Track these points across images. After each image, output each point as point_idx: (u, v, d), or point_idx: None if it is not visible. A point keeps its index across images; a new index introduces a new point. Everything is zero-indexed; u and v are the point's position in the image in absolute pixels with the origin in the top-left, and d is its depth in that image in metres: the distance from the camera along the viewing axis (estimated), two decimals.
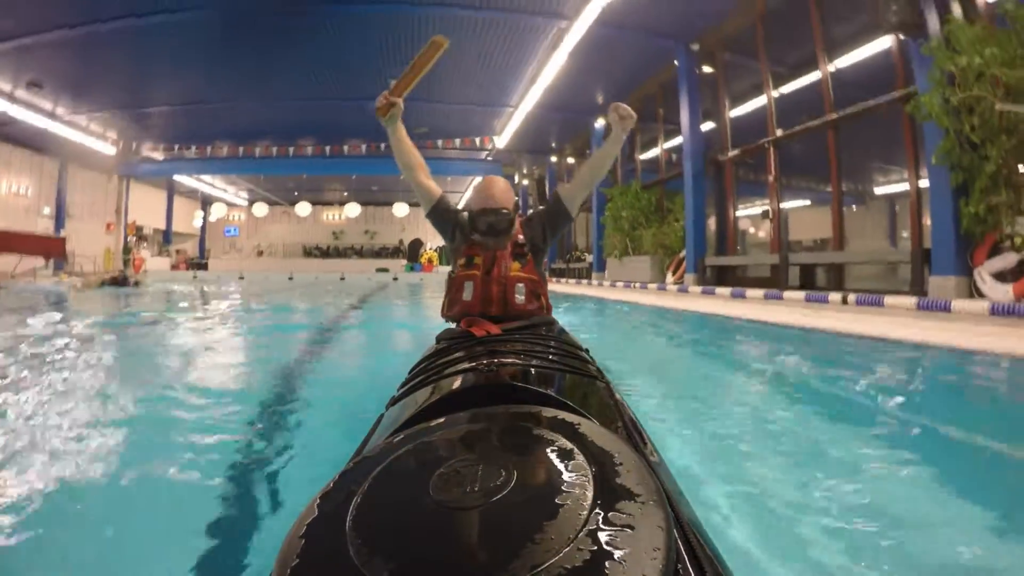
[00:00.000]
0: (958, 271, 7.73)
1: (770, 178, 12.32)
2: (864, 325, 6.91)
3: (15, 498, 2.21)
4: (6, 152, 23.77)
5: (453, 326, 2.63)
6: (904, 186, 15.61)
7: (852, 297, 8.44)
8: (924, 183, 8.79)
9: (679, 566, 0.66)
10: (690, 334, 8.50)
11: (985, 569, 1.75)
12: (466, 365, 1.63)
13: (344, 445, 1.48)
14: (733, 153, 13.75)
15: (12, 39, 14.04)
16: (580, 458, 0.80)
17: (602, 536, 0.63)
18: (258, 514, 2.29)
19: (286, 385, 4.40)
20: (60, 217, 26.99)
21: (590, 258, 23.14)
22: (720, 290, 11.84)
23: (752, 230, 16.37)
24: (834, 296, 8.79)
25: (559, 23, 13.33)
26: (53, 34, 13.73)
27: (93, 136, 23.07)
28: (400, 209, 34.52)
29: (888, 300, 7.83)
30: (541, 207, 2.82)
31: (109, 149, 24.24)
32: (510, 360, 1.68)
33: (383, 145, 23.79)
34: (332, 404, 3.88)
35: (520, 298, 2.59)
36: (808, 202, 17.14)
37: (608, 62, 15.70)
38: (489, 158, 27.56)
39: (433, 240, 44.41)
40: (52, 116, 20.37)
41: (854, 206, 17.29)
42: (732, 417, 3.45)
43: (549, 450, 0.84)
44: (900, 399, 3.96)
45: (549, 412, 0.99)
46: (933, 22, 7.81)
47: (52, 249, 23.02)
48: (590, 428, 0.90)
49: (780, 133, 12.03)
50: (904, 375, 4.96)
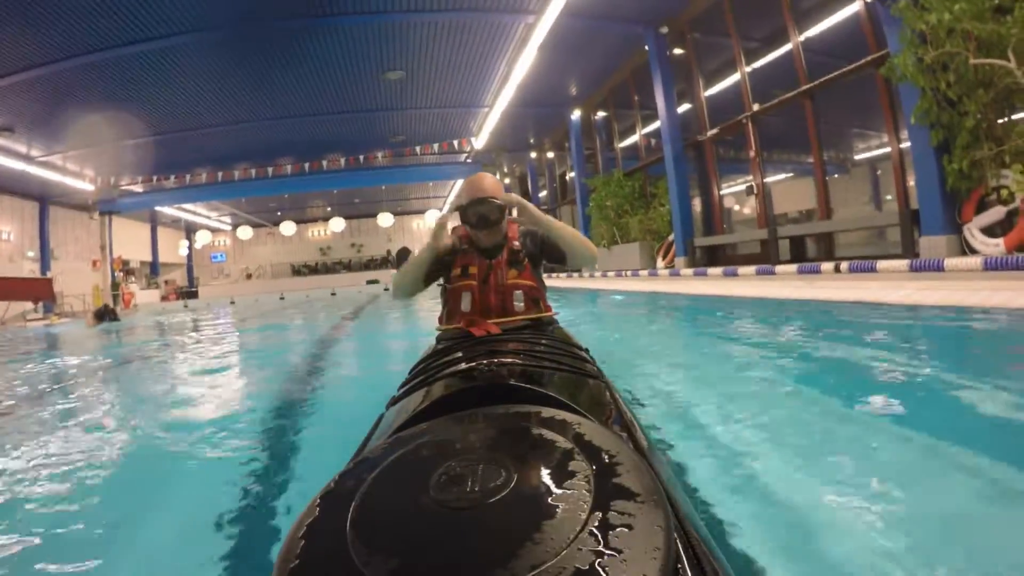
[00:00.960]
0: (947, 230, 7.73)
1: (751, 153, 12.31)
2: (860, 292, 6.90)
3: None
4: None
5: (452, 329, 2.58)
6: (884, 150, 15.69)
7: (845, 265, 8.42)
8: (905, 145, 8.78)
9: (679, 566, 0.65)
10: (690, 315, 8.49)
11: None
12: (466, 365, 1.62)
13: (344, 446, 1.46)
14: (712, 132, 13.74)
15: None
16: (580, 458, 0.80)
17: (602, 536, 0.63)
18: (264, 512, 2.35)
19: (291, 397, 4.38)
20: (45, 258, 26.83)
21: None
22: (712, 270, 11.83)
23: (737, 207, 16.34)
24: (826, 266, 8.78)
25: (526, 18, 13.29)
26: (19, 76, 13.61)
27: (70, 175, 22.93)
28: (385, 219, 34.40)
29: (881, 264, 7.81)
30: (543, 234, 2.67)
31: (88, 186, 24.07)
32: (510, 360, 1.67)
33: (362, 157, 23.75)
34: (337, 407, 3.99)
35: (519, 305, 2.56)
36: (790, 175, 17.11)
37: (579, 53, 15.68)
38: (468, 160, 27.49)
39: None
40: (27, 159, 20.22)
41: (836, 174, 17.31)
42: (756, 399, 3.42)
43: (549, 450, 0.85)
44: (910, 360, 3.93)
45: (549, 412, 0.99)
46: None
47: (40, 291, 22.84)
48: (590, 428, 0.91)
49: (757, 108, 12.03)
50: (910, 336, 4.94)
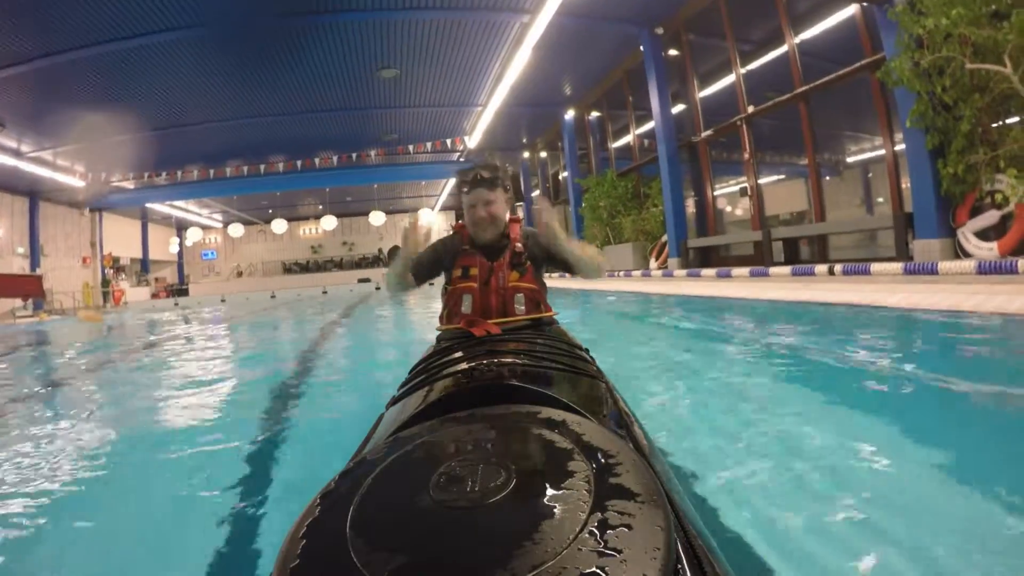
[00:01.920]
0: (941, 233, 7.76)
1: (745, 155, 12.34)
2: (856, 295, 6.91)
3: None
4: None
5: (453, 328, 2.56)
6: (876, 153, 15.74)
7: (839, 267, 8.45)
8: (900, 148, 8.81)
9: (679, 566, 0.65)
10: (688, 318, 8.48)
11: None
12: (466, 365, 1.62)
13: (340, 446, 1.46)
14: (706, 133, 13.77)
15: None
16: (580, 458, 0.80)
17: (602, 536, 0.63)
18: (264, 512, 2.36)
19: (282, 398, 4.35)
20: (35, 255, 26.58)
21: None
22: (705, 271, 11.85)
23: (729, 209, 16.38)
24: (820, 268, 8.81)
25: (521, 17, 13.27)
26: (10, 71, 13.49)
27: (61, 171, 22.71)
28: (376, 218, 34.24)
29: (875, 267, 7.85)
30: (552, 243, 2.66)
31: (78, 183, 23.89)
32: (510, 360, 1.66)
33: (355, 155, 23.67)
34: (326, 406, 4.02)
35: (520, 308, 2.55)
36: (782, 177, 17.15)
37: (573, 53, 15.69)
38: (461, 159, 27.44)
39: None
40: (17, 155, 20.03)
41: (827, 177, 17.35)
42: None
43: (549, 450, 0.85)
44: (907, 364, 3.93)
45: (549, 412, 0.98)
46: None
47: (29, 288, 22.67)
48: (590, 428, 0.91)
49: (752, 110, 12.05)
50: (905, 339, 4.95)
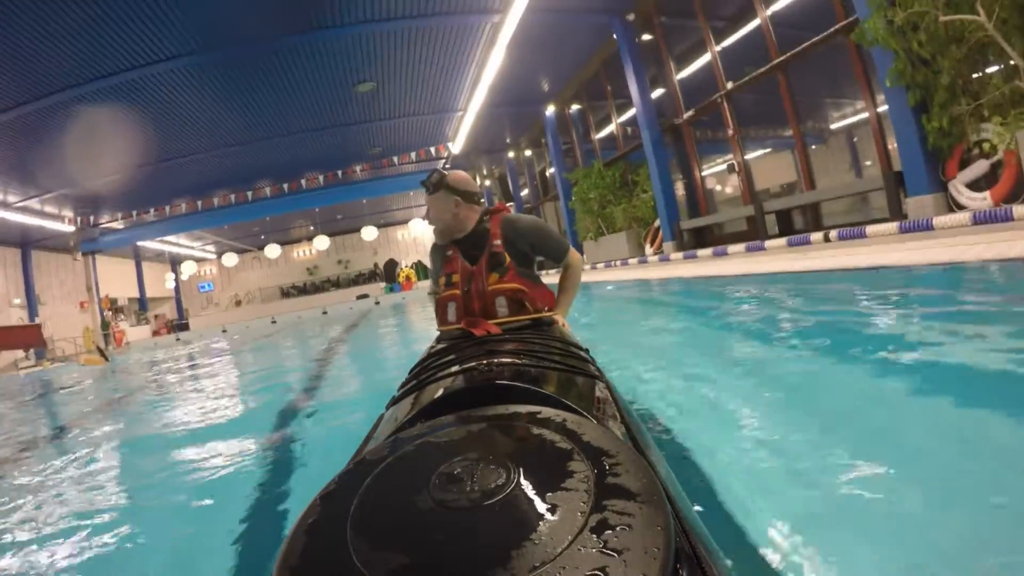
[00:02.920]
0: (933, 188, 7.74)
1: (729, 132, 12.32)
2: (855, 258, 6.90)
3: None
4: None
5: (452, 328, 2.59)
6: (859, 117, 15.74)
7: (834, 234, 8.43)
8: (883, 108, 8.79)
9: (679, 566, 0.65)
10: (693, 300, 8.47)
11: None
12: (465, 365, 1.62)
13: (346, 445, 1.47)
14: (688, 114, 13.74)
15: None
16: (580, 458, 0.80)
17: (602, 536, 0.63)
18: (264, 512, 2.46)
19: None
20: (31, 304, 26.61)
21: (542, 222, 23.05)
22: (701, 252, 11.83)
23: (718, 187, 16.38)
24: (816, 236, 8.78)
25: (491, 18, 13.26)
26: None
27: (49, 218, 22.73)
28: (369, 233, 34.20)
29: (870, 229, 7.82)
30: (537, 240, 2.75)
31: (68, 228, 23.86)
32: (509, 360, 1.66)
33: (340, 173, 23.65)
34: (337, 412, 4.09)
35: (503, 311, 2.53)
36: (768, 150, 17.15)
37: (547, 48, 15.65)
38: (447, 166, 27.39)
39: (407, 258, 44.31)
40: (4, 205, 20.05)
41: (813, 145, 17.37)
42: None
43: (549, 450, 0.85)
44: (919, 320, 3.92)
45: (548, 412, 0.99)
46: None
47: (29, 338, 22.70)
48: (590, 428, 0.91)
49: (731, 85, 12.03)
50: (912, 296, 4.95)
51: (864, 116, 9.75)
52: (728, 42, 12.72)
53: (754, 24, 11.33)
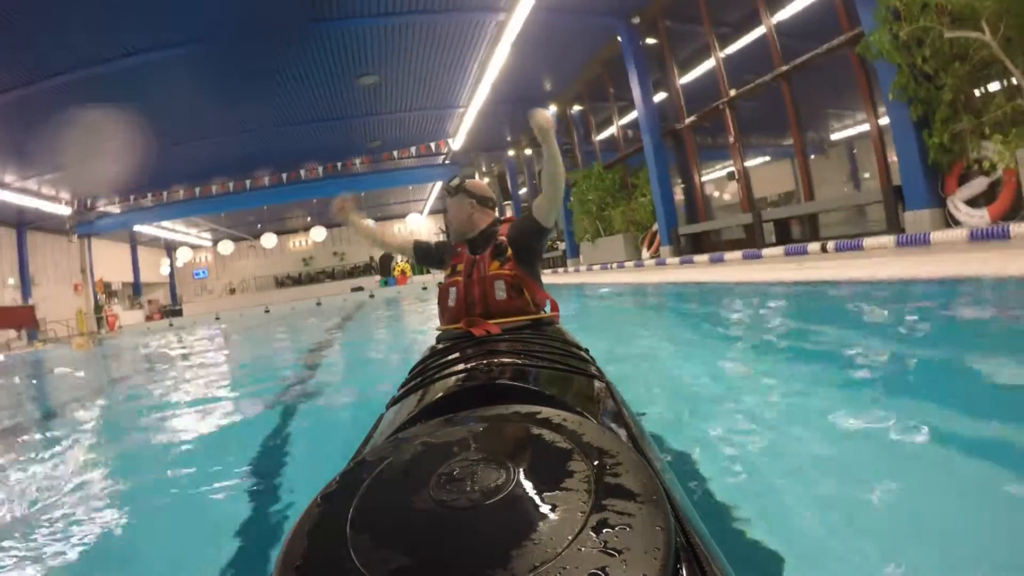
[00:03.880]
0: (931, 203, 7.77)
1: (730, 139, 12.34)
2: (852, 271, 6.91)
3: None
4: None
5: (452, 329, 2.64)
6: (859, 129, 15.77)
7: (831, 245, 8.45)
8: (884, 121, 8.81)
9: (679, 566, 0.64)
10: (692, 305, 8.48)
11: None
12: (465, 365, 1.63)
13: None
14: (690, 120, 13.75)
15: None
16: (579, 458, 0.80)
17: (602, 536, 0.63)
18: (264, 512, 2.45)
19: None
20: (26, 285, 26.49)
21: (562, 246, 23.12)
22: (698, 258, 11.85)
23: (716, 194, 16.41)
24: (813, 246, 8.81)
25: (497, 16, 13.25)
26: None
27: (46, 199, 22.64)
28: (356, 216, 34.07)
29: (867, 242, 7.85)
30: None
31: (64, 210, 23.77)
32: (509, 360, 1.67)
33: (340, 164, 23.60)
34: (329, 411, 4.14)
35: (500, 294, 2.62)
36: (766, 159, 17.18)
37: (551, 48, 15.65)
38: (447, 162, 27.39)
39: (403, 236, 44.15)
40: (1, 185, 19.97)
41: (812, 156, 17.40)
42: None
43: (548, 450, 0.85)
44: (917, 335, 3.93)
45: (548, 412, 0.98)
46: None
47: (22, 319, 22.65)
48: (589, 428, 0.90)
49: (734, 93, 12.04)
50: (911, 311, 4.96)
51: (863, 129, 9.79)
52: (732, 49, 12.73)
53: (759, 32, 11.34)
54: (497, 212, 3.01)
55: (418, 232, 43.96)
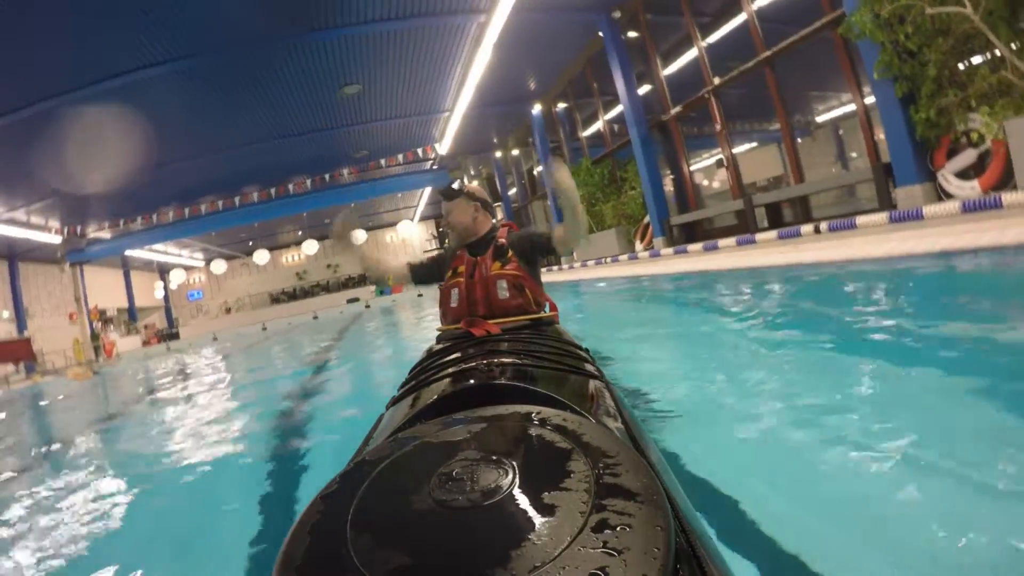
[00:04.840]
0: (921, 178, 7.79)
1: (717, 127, 12.36)
2: (849, 250, 6.94)
3: None
4: None
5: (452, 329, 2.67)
6: (844, 110, 15.85)
7: (824, 225, 8.47)
8: (870, 100, 8.84)
9: (679, 566, 0.65)
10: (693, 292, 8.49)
11: None
12: (465, 365, 1.65)
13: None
14: (676, 110, 13.77)
15: None
16: (579, 458, 0.81)
17: (602, 536, 0.63)
18: (264, 512, 2.46)
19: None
20: (20, 317, 26.39)
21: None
22: (692, 247, 11.87)
23: (705, 182, 16.45)
24: (806, 228, 8.83)
25: (477, 18, 13.25)
26: None
27: (36, 229, 22.54)
28: (357, 236, 34.14)
29: (860, 220, 7.87)
30: (535, 234, 2.90)
31: (55, 238, 23.65)
32: (509, 360, 1.68)
33: (328, 176, 23.56)
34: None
35: (503, 294, 2.65)
36: (753, 144, 17.23)
37: (534, 47, 15.65)
38: (435, 167, 27.37)
39: (397, 260, 44.11)
40: None
41: (799, 139, 17.47)
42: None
43: (548, 450, 0.86)
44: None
45: (548, 412, 0.99)
46: None
47: (20, 352, 22.54)
48: (589, 427, 0.91)
49: (718, 81, 12.07)
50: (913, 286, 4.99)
51: (848, 109, 9.82)
52: (714, 38, 12.76)
53: (740, 19, 11.37)
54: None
55: (410, 240, 44.01)
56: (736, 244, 10.31)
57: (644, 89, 15.02)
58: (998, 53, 6.63)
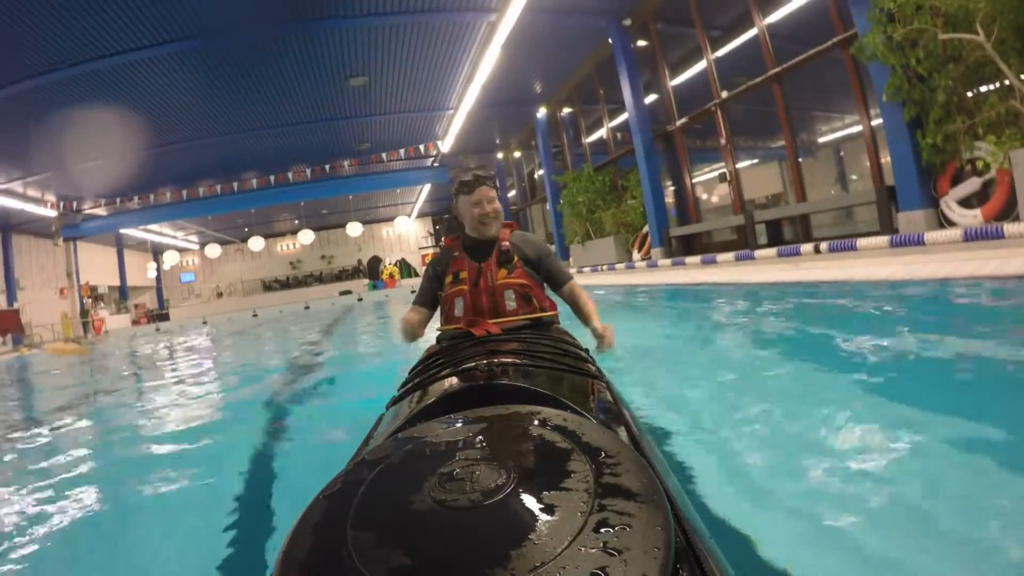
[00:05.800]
0: (924, 204, 7.80)
1: (722, 141, 12.36)
2: (849, 271, 6.93)
3: None
4: None
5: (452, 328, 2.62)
6: (848, 132, 15.88)
7: (824, 245, 8.47)
8: (877, 122, 8.85)
9: (679, 566, 0.65)
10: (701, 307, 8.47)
11: None
12: (465, 365, 1.65)
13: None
14: (681, 122, 13.77)
15: None
16: (580, 457, 0.81)
17: (602, 536, 0.63)
18: (264, 512, 2.45)
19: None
20: (11, 289, 26.20)
21: (552, 248, 23.07)
22: (690, 259, 11.86)
23: (705, 196, 16.45)
24: (806, 247, 8.82)
25: (488, 17, 13.24)
26: None
27: (32, 202, 22.44)
28: (354, 229, 33.95)
29: (861, 242, 7.87)
30: (547, 258, 2.91)
31: (50, 212, 23.53)
32: (509, 360, 1.68)
33: (328, 167, 23.49)
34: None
35: (511, 304, 2.60)
36: (755, 161, 17.26)
37: (542, 50, 15.65)
38: (436, 164, 27.36)
39: (392, 255, 44.16)
40: None
41: (800, 158, 17.48)
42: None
43: (549, 450, 0.86)
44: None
45: (548, 412, 0.99)
46: None
47: (7, 323, 22.42)
48: (590, 427, 0.91)
49: (726, 95, 12.07)
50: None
51: (851, 131, 9.85)
52: (723, 51, 12.77)
53: (751, 34, 11.38)
54: None
55: (407, 236, 44.00)
56: (735, 259, 10.30)
57: (650, 98, 15.03)
58: (1007, 82, 6.65)
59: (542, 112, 21.04)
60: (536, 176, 24.76)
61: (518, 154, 26.59)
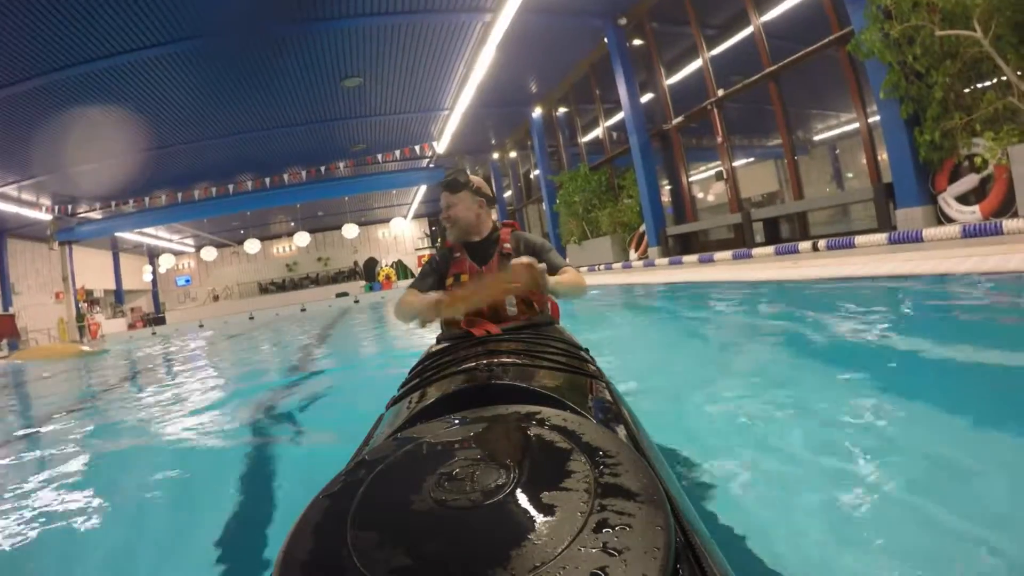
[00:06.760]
0: (922, 200, 7.80)
1: (718, 139, 12.36)
2: (849, 268, 6.92)
3: None
4: None
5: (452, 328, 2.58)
6: (843, 129, 15.90)
7: (822, 243, 8.47)
8: (874, 120, 8.85)
9: (679, 566, 0.65)
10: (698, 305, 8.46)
11: None
12: (465, 365, 1.63)
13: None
14: (677, 121, 13.78)
15: None
16: (579, 458, 0.81)
17: (602, 536, 0.63)
18: (264, 512, 2.44)
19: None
20: (6, 294, 26.12)
21: (550, 245, 23.06)
22: (687, 258, 11.86)
23: (701, 195, 16.46)
24: (804, 245, 8.82)
25: (483, 17, 13.23)
26: None
27: (26, 206, 22.37)
28: (350, 231, 33.95)
29: (859, 240, 7.87)
30: (542, 251, 2.75)
31: (45, 216, 23.44)
32: (509, 360, 1.66)
33: (323, 169, 23.46)
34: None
35: (512, 310, 2.56)
36: (751, 160, 17.27)
37: (538, 50, 15.63)
38: (431, 165, 27.34)
39: (388, 257, 44.14)
40: None
41: (796, 156, 17.51)
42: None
43: (548, 450, 0.85)
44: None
45: (548, 412, 0.99)
46: None
47: (3, 329, 22.33)
48: (589, 428, 0.91)
49: (722, 93, 12.07)
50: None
51: (846, 128, 9.86)
52: (719, 50, 12.77)
53: (746, 32, 11.38)
54: None
55: (402, 237, 44.00)
56: (732, 258, 10.30)
57: (646, 97, 15.03)
58: (1005, 79, 6.65)
59: (538, 112, 21.03)
60: (532, 176, 24.75)
61: (514, 154, 26.59)
